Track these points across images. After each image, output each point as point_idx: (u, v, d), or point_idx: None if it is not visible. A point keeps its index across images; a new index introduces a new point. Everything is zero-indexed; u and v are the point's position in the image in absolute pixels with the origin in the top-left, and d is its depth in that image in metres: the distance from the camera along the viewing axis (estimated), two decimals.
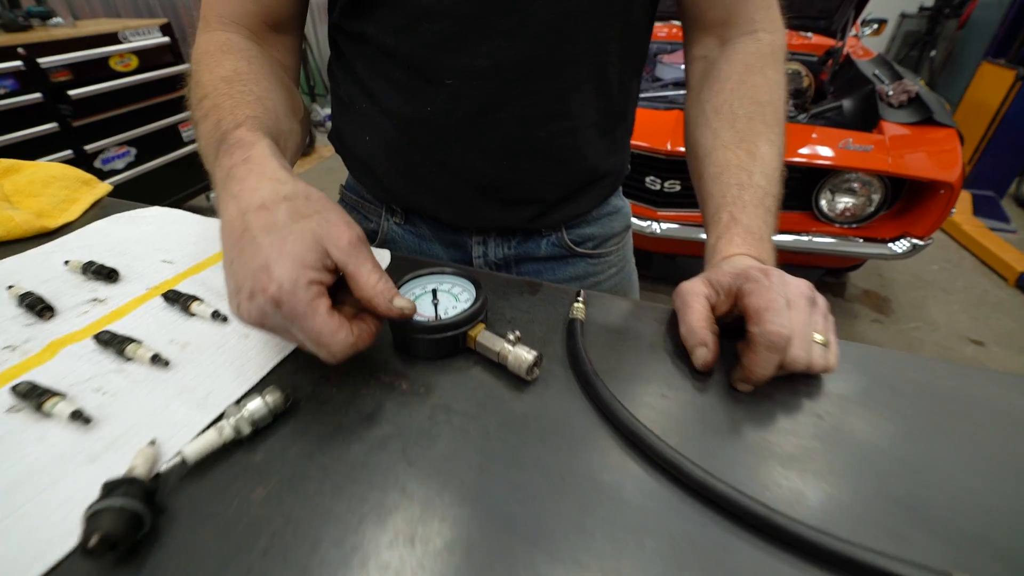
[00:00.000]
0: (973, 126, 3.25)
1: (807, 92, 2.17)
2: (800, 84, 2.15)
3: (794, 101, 2.17)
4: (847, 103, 2.06)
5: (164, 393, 0.39)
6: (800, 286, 0.40)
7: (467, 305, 0.44)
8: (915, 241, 1.77)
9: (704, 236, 0.52)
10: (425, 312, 0.43)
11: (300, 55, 0.62)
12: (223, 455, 0.35)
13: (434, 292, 0.46)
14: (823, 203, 1.86)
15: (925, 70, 4.44)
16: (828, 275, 2.46)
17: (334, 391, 0.40)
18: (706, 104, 0.55)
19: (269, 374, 0.41)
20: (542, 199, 0.61)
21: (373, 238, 0.70)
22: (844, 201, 1.83)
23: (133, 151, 2.67)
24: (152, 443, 0.34)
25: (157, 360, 0.41)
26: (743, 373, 0.39)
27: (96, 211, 0.70)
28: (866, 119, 1.89)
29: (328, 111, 4.37)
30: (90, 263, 0.53)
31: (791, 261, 2.11)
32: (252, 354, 0.43)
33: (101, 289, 0.51)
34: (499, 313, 0.49)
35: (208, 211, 3.21)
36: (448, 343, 0.42)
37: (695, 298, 0.43)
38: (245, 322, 0.33)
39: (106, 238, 0.61)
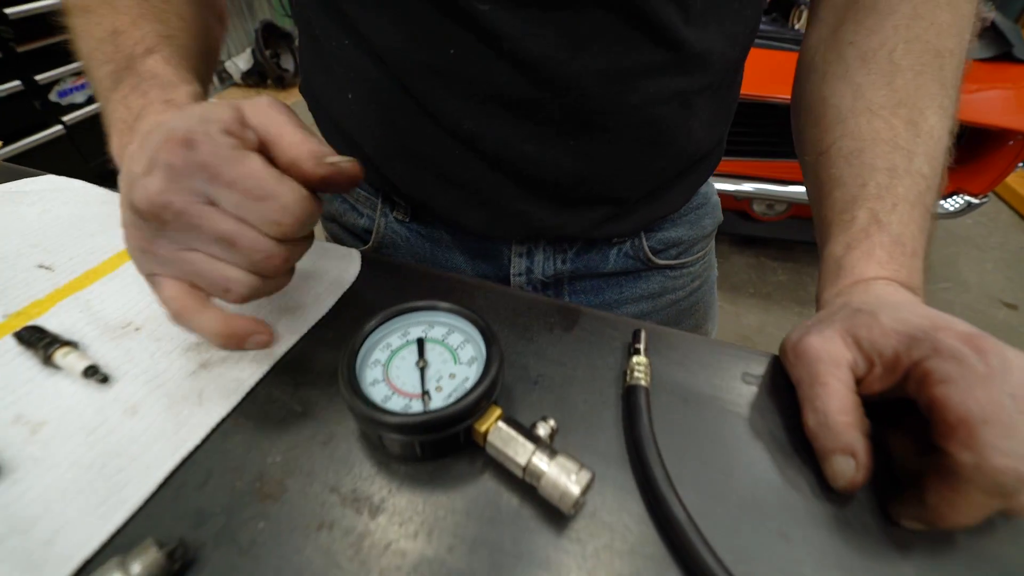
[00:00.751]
0: None
1: None
2: None
3: None
4: None
5: None
6: None
7: (471, 370, 0.28)
8: (969, 199, 1.58)
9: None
10: (406, 382, 0.28)
11: None
12: None
13: (420, 344, 0.30)
14: None
15: None
16: None
17: (261, 526, 0.25)
18: (847, 47, 0.37)
19: (163, 486, 0.26)
20: (619, 197, 0.42)
21: (366, 239, 0.50)
22: None
23: None
24: None
25: None
26: (928, 515, 0.24)
27: None
28: None
29: None
30: None
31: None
32: (139, 448, 0.27)
33: None
34: (519, 365, 0.33)
35: None
36: (443, 443, 0.26)
37: (832, 370, 0.27)
38: (143, 212, 0.24)
39: None
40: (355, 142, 0.43)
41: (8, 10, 1.92)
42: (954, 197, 1.59)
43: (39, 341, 0.32)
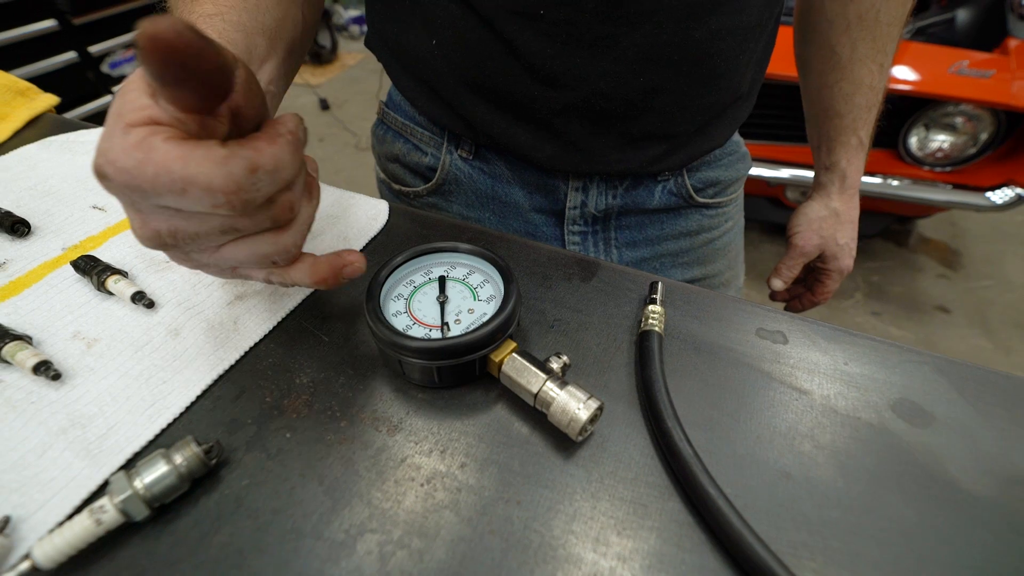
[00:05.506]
0: None
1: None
2: None
3: None
4: (962, 14, 1.68)
5: (46, 425, 0.27)
6: None
7: (490, 307, 0.29)
8: (1021, 191, 1.50)
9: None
10: (427, 315, 0.29)
11: None
12: (107, 545, 0.23)
13: (442, 282, 0.31)
14: (913, 141, 1.58)
15: None
16: (896, 222, 2.19)
17: (287, 435, 0.27)
18: (850, 6, 0.48)
19: (202, 397, 0.29)
20: (674, 133, 0.46)
21: (430, 175, 0.53)
22: (940, 139, 1.55)
23: None
24: (3, 524, 0.23)
25: (44, 370, 0.29)
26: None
27: (34, 131, 0.55)
28: (986, 35, 1.55)
29: (353, 13, 3.97)
30: None
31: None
32: (181, 364, 0.30)
33: (4, 247, 0.38)
34: (537, 310, 0.34)
35: None
36: (459, 370, 0.28)
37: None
38: (152, 248, 0.23)
39: (31, 171, 0.47)
40: (431, 85, 0.46)
41: None
42: (1004, 189, 1.51)
43: (93, 269, 0.34)
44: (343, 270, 0.26)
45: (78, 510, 0.24)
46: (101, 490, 0.24)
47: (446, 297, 0.30)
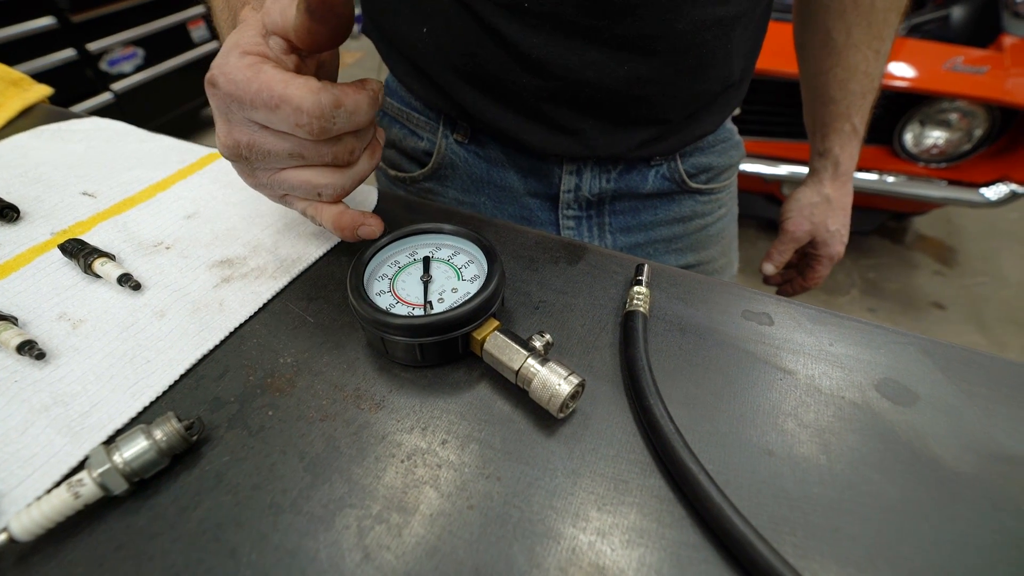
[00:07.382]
0: None
1: None
2: None
3: None
4: (957, 11, 1.68)
5: (29, 403, 0.27)
6: None
7: (473, 286, 0.29)
8: (1015, 187, 1.50)
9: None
10: (411, 294, 0.29)
11: None
12: (86, 518, 0.23)
13: (426, 262, 0.31)
14: (908, 137, 1.58)
15: None
16: (891, 219, 2.20)
17: (270, 414, 0.27)
18: None
19: (186, 376, 0.29)
20: (665, 118, 0.46)
21: (426, 160, 0.53)
22: (935, 136, 1.55)
23: (141, 52, 2.47)
24: None
25: (28, 350, 0.29)
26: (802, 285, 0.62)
27: (27, 121, 0.55)
28: (981, 32, 1.55)
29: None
30: None
31: (853, 203, 1.87)
32: (165, 344, 0.30)
33: None
34: (523, 292, 0.34)
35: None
36: (442, 348, 0.28)
37: None
38: (227, 157, 0.28)
39: (22, 159, 0.47)
40: (425, 72, 0.47)
41: None
42: (998, 185, 1.51)
43: (80, 252, 0.34)
44: (359, 228, 0.30)
45: (58, 485, 0.24)
46: (82, 466, 0.24)
47: (430, 277, 0.30)
